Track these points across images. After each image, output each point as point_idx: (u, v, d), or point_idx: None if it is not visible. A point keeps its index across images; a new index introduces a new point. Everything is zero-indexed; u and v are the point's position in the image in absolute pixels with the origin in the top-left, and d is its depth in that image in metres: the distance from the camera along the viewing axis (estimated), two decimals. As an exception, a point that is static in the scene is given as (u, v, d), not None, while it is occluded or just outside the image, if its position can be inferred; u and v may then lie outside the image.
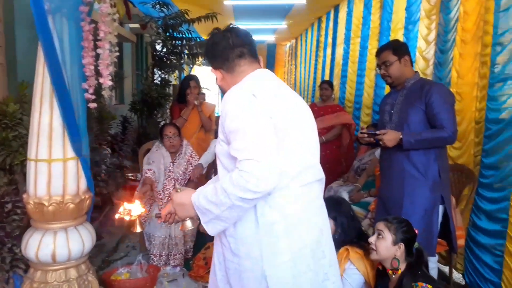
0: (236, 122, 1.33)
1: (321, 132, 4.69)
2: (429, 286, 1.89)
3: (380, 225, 2.08)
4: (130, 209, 1.90)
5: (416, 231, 2.09)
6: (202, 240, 3.57)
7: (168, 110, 6.77)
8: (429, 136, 2.42)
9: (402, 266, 2.02)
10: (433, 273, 2.67)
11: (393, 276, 2.03)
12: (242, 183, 1.24)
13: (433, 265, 2.65)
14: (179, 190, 1.49)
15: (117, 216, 1.98)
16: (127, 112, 6.28)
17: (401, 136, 2.44)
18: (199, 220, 1.42)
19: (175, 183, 3.50)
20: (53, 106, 2.18)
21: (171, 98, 6.77)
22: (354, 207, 3.32)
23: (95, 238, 2.52)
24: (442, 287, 3.03)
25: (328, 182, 4.30)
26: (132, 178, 4.74)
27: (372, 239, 2.09)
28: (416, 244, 2.05)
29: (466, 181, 3.20)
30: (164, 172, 3.52)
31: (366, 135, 2.57)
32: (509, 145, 2.73)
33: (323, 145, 4.59)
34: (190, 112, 4.33)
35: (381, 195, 2.79)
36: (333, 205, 2.50)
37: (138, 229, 1.88)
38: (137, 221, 1.88)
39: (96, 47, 2.25)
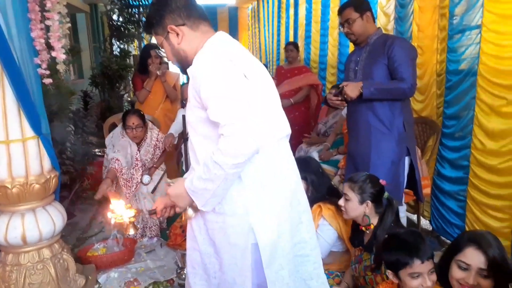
0: (213, 87, 1.32)
1: (289, 94, 4.69)
2: None
3: (345, 188, 2.13)
4: (121, 215, 1.87)
5: (383, 182, 2.15)
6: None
7: (130, 82, 6.57)
8: (389, 86, 2.46)
9: (374, 220, 2.08)
10: (403, 222, 2.79)
11: (367, 231, 2.10)
12: (231, 149, 1.27)
13: (402, 214, 2.76)
14: (171, 184, 1.50)
15: (112, 221, 1.92)
16: (88, 87, 6.05)
17: (361, 85, 2.48)
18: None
19: (142, 171, 3.44)
20: (4, 84, 2.07)
21: (133, 69, 6.56)
22: (324, 166, 3.39)
23: (66, 217, 2.48)
24: (433, 238, 3.20)
25: (298, 143, 4.42)
26: (100, 154, 4.63)
27: (340, 202, 2.14)
28: (385, 195, 2.11)
29: (430, 132, 3.31)
30: (131, 160, 3.44)
31: (334, 97, 2.59)
32: (468, 95, 2.82)
33: (292, 107, 4.61)
34: (153, 83, 4.21)
35: (349, 152, 2.85)
36: (302, 165, 2.53)
37: (131, 231, 1.86)
38: (131, 224, 1.85)
39: (44, 18, 2.12)
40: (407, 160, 2.64)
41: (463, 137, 2.89)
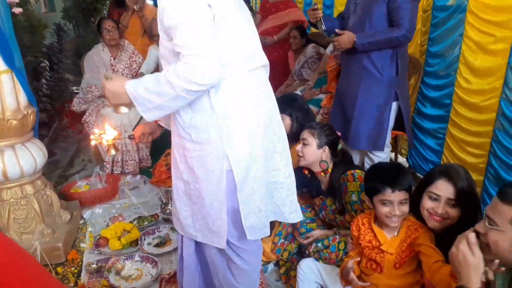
0: (176, 17, 1.29)
1: (273, 31, 4.54)
2: (357, 171, 2.03)
3: (304, 134, 2.16)
4: (101, 135, 1.87)
5: (338, 134, 2.19)
6: (159, 149, 3.58)
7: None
8: (382, 38, 2.41)
9: (330, 166, 2.14)
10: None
11: (326, 176, 2.15)
12: (187, 75, 1.27)
13: (384, 155, 2.82)
14: (109, 78, 1.46)
15: (92, 142, 1.95)
16: (60, 20, 5.71)
17: (355, 39, 2.43)
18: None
19: None
20: (-30, 12, 1.93)
21: (108, 1, 6.19)
22: (307, 105, 3.39)
23: (47, 154, 2.44)
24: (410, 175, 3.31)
25: (281, 82, 4.37)
26: (77, 91, 4.50)
27: (298, 147, 2.16)
28: (339, 146, 2.17)
29: (413, 71, 3.30)
30: (106, 70, 3.48)
31: (318, 12, 2.55)
32: (455, 32, 2.79)
33: (276, 44, 4.50)
34: (130, 18, 4.01)
35: (338, 91, 2.83)
36: (288, 101, 2.53)
37: (112, 152, 1.88)
38: (111, 146, 1.88)
39: None
40: (395, 105, 2.65)
41: (447, 76, 2.90)
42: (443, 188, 1.57)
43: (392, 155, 3.60)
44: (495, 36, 2.42)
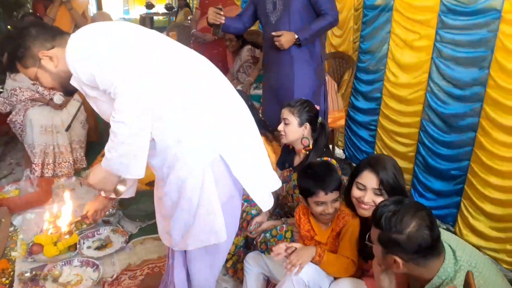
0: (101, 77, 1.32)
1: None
2: (333, 161, 2.11)
3: (285, 113, 2.20)
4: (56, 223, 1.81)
5: (317, 107, 2.26)
6: (95, 149, 3.42)
7: (31, 10, 5.80)
8: (319, 27, 2.54)
9: (311, 143, 2.20)
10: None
11: (302, 153, 2.21)
12: (128, 127, 1.30)
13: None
14: (83, 183, 1.48)
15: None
16: (-23, 14, 5.23)
17: (296, 36, 2.51)
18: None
19: None
20: None
21: (32, -6, 5.77)
22: (248, 101, 3.41)
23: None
24: (346, 165, 3.46)
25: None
26: (1, 90, 4.15)
27: (280, 127, 2.20)
28: (319, 119, 2.23)
29: (346, 67, 3.47)
30: None
31: (222, 18, 2.62)
32: (384, 30, 2.97)
33: (215, 42, 4.47)
34: (58, 10, 3.78)
35: (270, 86, 2.87)
36: None
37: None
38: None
39: None
40: (323, 91, 2.79)
41: (377, 71, 3.08)
42: (368, 179, 1.68)
43: (330, 146, 3.77)
44: (420, 33, 2.61)
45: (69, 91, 1.50)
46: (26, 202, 2.75)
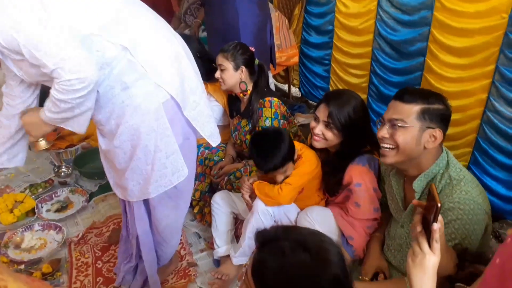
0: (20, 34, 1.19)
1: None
2: (275, 98, 2.10)
3: (219, 59, 2.13)
4: None
5: (252, 49, 2.20)
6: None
7: None
8: None
9: (250, 86, 2.16)
10: (271, 87, 2.97)
11: (244, 97, 2.18)
12: (69, 89, 1.22)
13: (270, 80, 2.92)
14: (21, 112, 1.44)
15: None
16: None
17: None
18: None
19: None
20: None
21: None
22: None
23: None
24: (303, 103, 3.46)
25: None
26: None
27: (217, 74, 2.14)
28: (256, 61, 2.18)
29: (296, 1, 3.37)
30: None
31: None
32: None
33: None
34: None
35: (215, 29, 2.77)
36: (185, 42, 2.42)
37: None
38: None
39: None
40: (269, 26, 2.73)
41: (327, 3, 3.01)
42: (321, 111, 1.71)
43: (286, 86, 3.75)
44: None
45: None
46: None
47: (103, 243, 2.12)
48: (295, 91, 3.79)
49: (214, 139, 1.61)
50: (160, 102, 1.37)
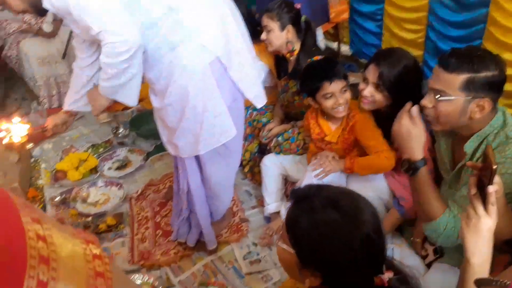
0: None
1: None
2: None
3: (264, 20, 2.08)
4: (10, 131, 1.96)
5: (297, 6, 2.12)
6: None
7: None
8: None
9: (297, 46, 2.12)
10: (321, 45, 2.88)
11: (292, 58, 2.14)
12: (113, 52, 1.31)
13: (320, 37, 2.83)
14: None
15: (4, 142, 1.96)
16: None
17: None
18: None
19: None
20: None
21: None
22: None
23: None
24: (353, 62, 3.36)
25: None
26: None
27: (263, 36, 2.11)
28: (303, 18, 2.12)
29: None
30: None
31: None
32: None
33: None
34: None
35: None
36: None
37: (29, 145, 1.79)
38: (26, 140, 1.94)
39: None
40: None
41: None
42: (371, 71, 1.63)
43: (335, 44, 3.64)
44: None
45: (41, 10, 1.45)
46: (40, 133, 2.78)
47: (161, 199, 2.25)
48: (345, 49, 3.66)
49: (259, 100, 1.63)
50: (206, 62, 1.40)
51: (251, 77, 1.57)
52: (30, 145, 1.86)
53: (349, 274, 0.85)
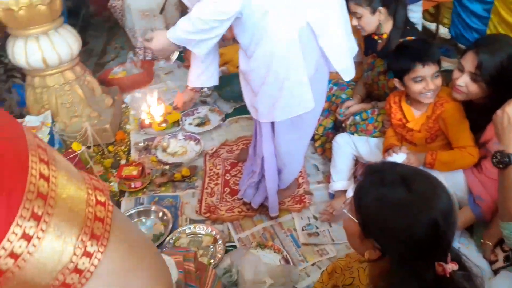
0: None
1: None
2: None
3: (351, 7, 1.95)
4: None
5: None
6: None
7: None
8: None
9: (388, 25, 1.98)
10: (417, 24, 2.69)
11: (380, 41, 2.05)
12: (213, 10, 1.35)
13: (417, 18, 2.65)
14: (149, 39, 1.59)
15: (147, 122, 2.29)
16: None
17: None
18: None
19: None
20: None
21: None
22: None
23: (81, 41, 2.46)
24: (451, 47, 3.15)
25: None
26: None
27: (354, 22, 2.00)
28: None
29: None
30: None
31: None
32: None
33: None
34: None
35: None
36: None
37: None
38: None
39: None
40: None
41: None
42: (468, 59, 1.51)
43: (433, 26, 3.40)
44: None
45: None
46: (133, 82, 3.02)
47: (233, 159, 2.36)
48: (443, 31, 3.41)
49: (348, 73, 1.59)
50: (296, 28, 1.40)
51: (343, 48, 1.54)
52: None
53: (407, 253, 0.85)
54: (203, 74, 1.79)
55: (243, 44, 1.51)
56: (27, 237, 0.30)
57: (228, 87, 2.93)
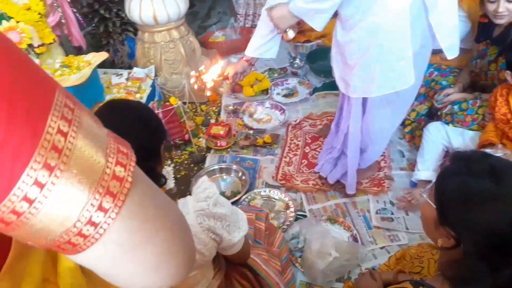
0: None
1: None
2: None
3: None
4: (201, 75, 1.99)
5: None
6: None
7: None
8: None
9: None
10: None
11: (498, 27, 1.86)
12: None
13: None
14: (273, 6, 1.57)
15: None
16: None
17: None
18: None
19: None
20: None
21: None
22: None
23: (188, 3, 2.60)
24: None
25: None
26: None
27: (501, 8, 1.81)
28: None
29: None
30: None
31: None
32: None
33: None
34: None
35: None
36: None
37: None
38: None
39: None
40: None
41: None
42: None
43: None
44: None
45: None
46: (230, 47, 3.13)
47: (314, 133, 2.37)
48: None
49: (452, 52, 1.51)
50: (408, 1, 1.35)
51: (451, 26, 1.47)
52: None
53: (485, 247, 0.81)
54: (264, 46, 1.73)
55: (344, 15, 1.48)
56: (39, 184, 0.29)
57: (321, 61, 2.92)
